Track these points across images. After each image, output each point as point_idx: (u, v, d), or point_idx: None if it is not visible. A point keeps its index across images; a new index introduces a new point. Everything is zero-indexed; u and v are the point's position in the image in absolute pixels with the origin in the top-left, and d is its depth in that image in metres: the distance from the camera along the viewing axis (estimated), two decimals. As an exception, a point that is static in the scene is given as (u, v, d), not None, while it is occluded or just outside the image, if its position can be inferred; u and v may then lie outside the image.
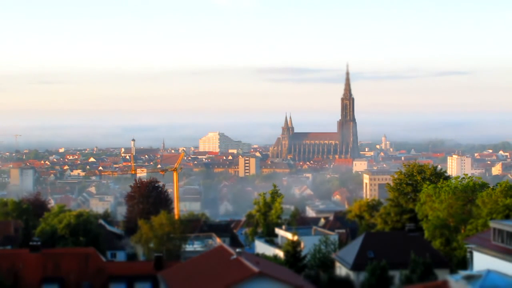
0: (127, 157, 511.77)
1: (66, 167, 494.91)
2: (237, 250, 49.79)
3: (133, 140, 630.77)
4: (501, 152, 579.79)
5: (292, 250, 66.52)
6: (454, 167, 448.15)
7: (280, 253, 72.69)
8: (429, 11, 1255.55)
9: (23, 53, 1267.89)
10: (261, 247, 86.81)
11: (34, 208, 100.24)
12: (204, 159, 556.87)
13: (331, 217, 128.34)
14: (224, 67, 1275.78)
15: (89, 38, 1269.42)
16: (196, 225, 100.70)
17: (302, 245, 68.59)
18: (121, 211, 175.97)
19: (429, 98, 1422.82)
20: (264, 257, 67.96)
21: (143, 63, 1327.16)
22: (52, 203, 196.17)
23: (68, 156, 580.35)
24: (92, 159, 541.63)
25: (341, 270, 63.60)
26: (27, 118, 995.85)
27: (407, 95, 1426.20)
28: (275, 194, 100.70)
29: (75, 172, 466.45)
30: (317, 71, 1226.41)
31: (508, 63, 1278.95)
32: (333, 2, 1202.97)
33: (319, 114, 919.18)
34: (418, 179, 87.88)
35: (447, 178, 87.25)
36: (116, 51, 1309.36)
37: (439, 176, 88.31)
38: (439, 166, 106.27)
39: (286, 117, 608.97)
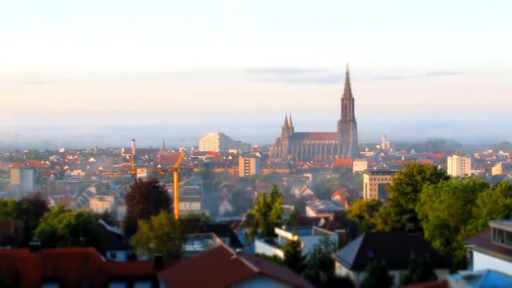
0: (127, 157, 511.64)
1: (66, 167, 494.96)
2: (237, 250, 49.78)
3: (133, 140, 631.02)
4: (501, 152, 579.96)
5: (292, 250, 66.51)
6: (454, 167, 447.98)
7: (280, 253, 72.69)
8: (424, 10, 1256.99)
9: (15, 53, 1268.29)
10: (261, 247, 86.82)
11: (34, 208, 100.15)
12: (204, 159, 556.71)
13: (331, 217, 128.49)
14: (221, 67, 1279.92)
15: (85, 38, 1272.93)
16: (196, 225, 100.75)
17: (302, 245, 68.59)
18: (121, 211, 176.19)
19: (426, 98, 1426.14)
20: (264, 257, 67.97)
21: (139, 63, 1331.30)
22: (52, 203, 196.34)
23: (68, 156, 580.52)
24: (92, 159, 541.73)
25: (341, 270, 63.60)
26: (20, 119, 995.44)
27: (404, 95, 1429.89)
28: (275, 194, 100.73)
29: (75, 172, 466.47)
30: (313, 71, 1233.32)
31: (508, 64, 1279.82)
32: (324, 3, 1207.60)
33: (319, 114, 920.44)
34: (418, 179, 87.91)
35: (447, 178, 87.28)
36: (110, 51, 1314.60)
37: (439, 176, 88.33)
38: (439, 166, 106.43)
39: (286, 117, 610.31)
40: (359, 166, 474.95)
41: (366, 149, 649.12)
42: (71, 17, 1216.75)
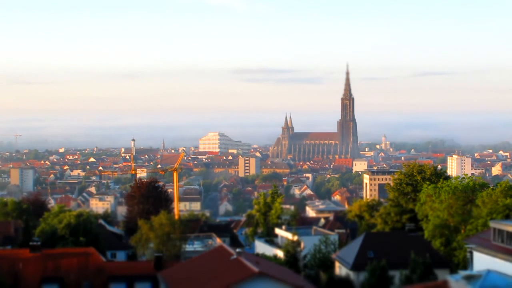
0: (127, 157, 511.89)
1: (66, 167, 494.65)
2: (237, 250, 49.78)
3: (133, 140, 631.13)
4: (501, 152, 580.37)
5: (292, 250, 66.51)
6: (454, 167, 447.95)
7: (280, 253, 72.68)
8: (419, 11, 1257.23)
9: (3, 53, 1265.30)
10: (261, 247, 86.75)
11: (34, 208, 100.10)
12: (204, 159, 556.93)
13: (331, 217, 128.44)
14: (220, 67, 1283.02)
15: (80, 38, 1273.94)
16: (196, 225, 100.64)
17: (302, 245, 68.59)
18: (121, 211, 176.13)
19: (419, 98, 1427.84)
20: (264, 257, 67.93)
21: (135, 63, 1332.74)
22: (52, 203, 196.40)
23: (68, 156, 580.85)
24: (92, 159, 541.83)
25: (341, 270, 63.59)
26: (13, 119, 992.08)
27: (397, 95, 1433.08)
28: (275, 194, 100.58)
29: (75, 172, 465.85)
30: (300, 71, 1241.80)
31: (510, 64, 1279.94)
32: (311, 4, 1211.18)
33: (317, 114, 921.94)
34: (418, 179, 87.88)
35: (447, 178, 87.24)
36: (104, 51, 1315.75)
37: (439, 176, 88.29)
38: (439, 166, 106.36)
39: (286, 117, 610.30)
40: (359, 166, 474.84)
41: (366, 149, 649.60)
42: (66, 16, 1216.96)
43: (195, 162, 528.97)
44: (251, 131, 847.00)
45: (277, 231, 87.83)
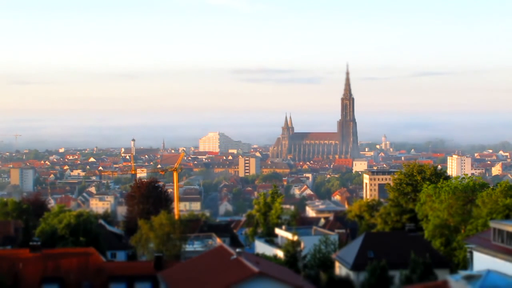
0: (127, 157, 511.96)
1: (66, 167, 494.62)
2: (237, 250, 49.77)
3: (133, 140, 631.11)
4: (501, 152, 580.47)
5: (292, 250, 66.50)
6: (454, 167, 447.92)
7: (280, 253, 72.66)
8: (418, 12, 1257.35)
9: (1, 53, 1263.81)
10: (261, 247, 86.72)
11: (34, 208, 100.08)
12: (204, 159, 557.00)
13: (331, 217, 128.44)
14: (220, 67, 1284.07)
15: (78, 38, 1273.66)
16: (196, 225, 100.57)
17: (302, 245, 68.57)
18: (121, 211, 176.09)
19: (421, 98, 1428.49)
20: (264, 257, 67.89)
21: (133, 63, 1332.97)
22: (52, 203, 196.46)
23: (68, 156, 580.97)
24: (92, 159, 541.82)
25: (341, 270, 63.60)
26: (11, 119, 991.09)
27: (394, 96, 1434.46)
28: (275, 194, 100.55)
29: (75, 172, 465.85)
30: (299, 71, 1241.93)
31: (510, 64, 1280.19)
32: (308, 5, 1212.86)
33: (317, 114, 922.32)
34: (418, 179, 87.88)
35: (447, 178, 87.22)
36: (102, 51, 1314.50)
37: (439, 176, 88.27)
38: (439, 166, 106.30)
39: (286, 117, 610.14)
40: (359, 166, 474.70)
41: (366, 149, 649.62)
42: (66, 16, 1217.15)
43: (195, 162, 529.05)
44: (251, 131, 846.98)
45: (277, 231, 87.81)
